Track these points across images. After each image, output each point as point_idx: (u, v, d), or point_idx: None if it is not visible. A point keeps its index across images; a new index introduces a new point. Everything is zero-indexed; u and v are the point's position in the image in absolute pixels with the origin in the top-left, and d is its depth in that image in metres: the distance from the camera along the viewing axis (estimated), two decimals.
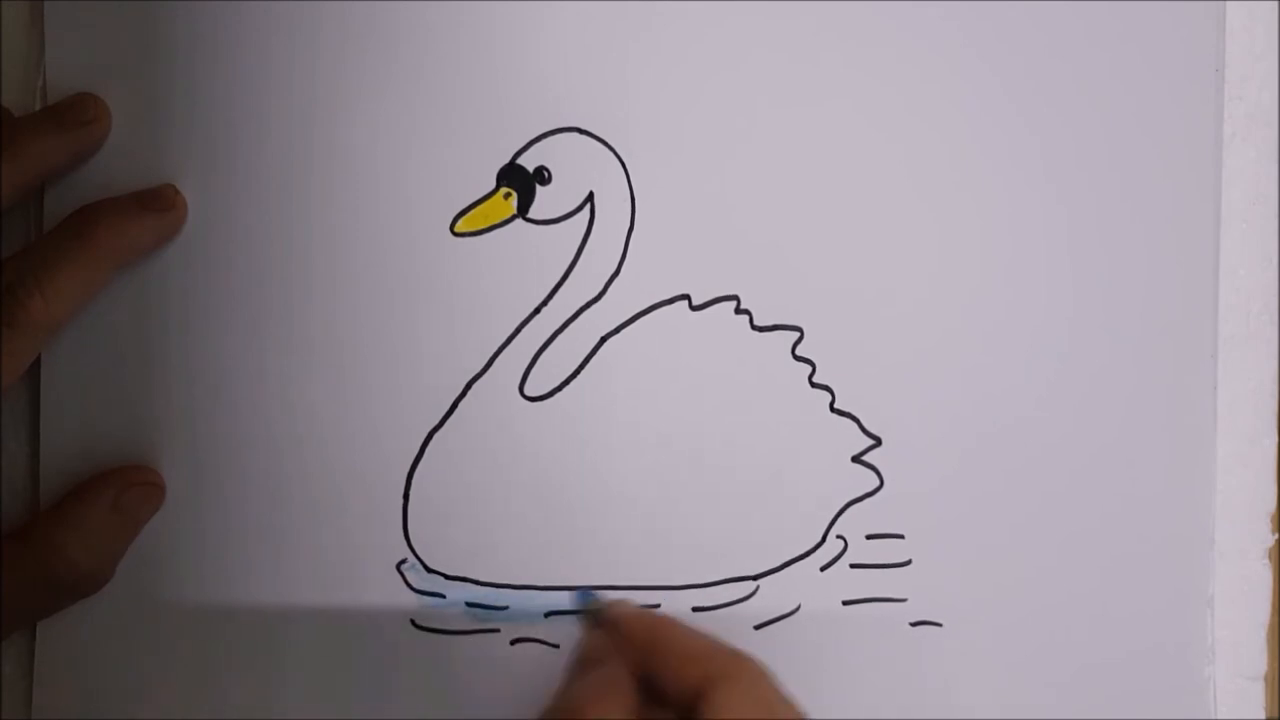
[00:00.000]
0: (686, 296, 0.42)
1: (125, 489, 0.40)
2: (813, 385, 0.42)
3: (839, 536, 0.43)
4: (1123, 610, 0.43)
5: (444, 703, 0.42)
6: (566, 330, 0.42)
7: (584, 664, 0.39)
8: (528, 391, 0.42)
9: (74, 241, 0.38)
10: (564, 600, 0.42)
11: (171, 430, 0.42)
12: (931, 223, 0.43)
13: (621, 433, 0.42)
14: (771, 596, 0.42)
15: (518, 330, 0.42)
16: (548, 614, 0.42)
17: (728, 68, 0.42)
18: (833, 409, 0.43)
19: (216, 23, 0.41)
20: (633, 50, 0.42)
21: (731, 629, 0.42)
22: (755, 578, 0.42)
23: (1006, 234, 0.43)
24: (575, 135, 0.42)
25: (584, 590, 0.42)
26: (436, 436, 0.42)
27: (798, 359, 0.42)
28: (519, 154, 0.42)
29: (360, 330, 0.42)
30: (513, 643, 0.42)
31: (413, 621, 0.42)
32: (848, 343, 0.43)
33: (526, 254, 0.42)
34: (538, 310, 0.42)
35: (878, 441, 0.43)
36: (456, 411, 0.42)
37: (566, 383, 0.42)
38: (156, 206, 0.40)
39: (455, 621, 0.42)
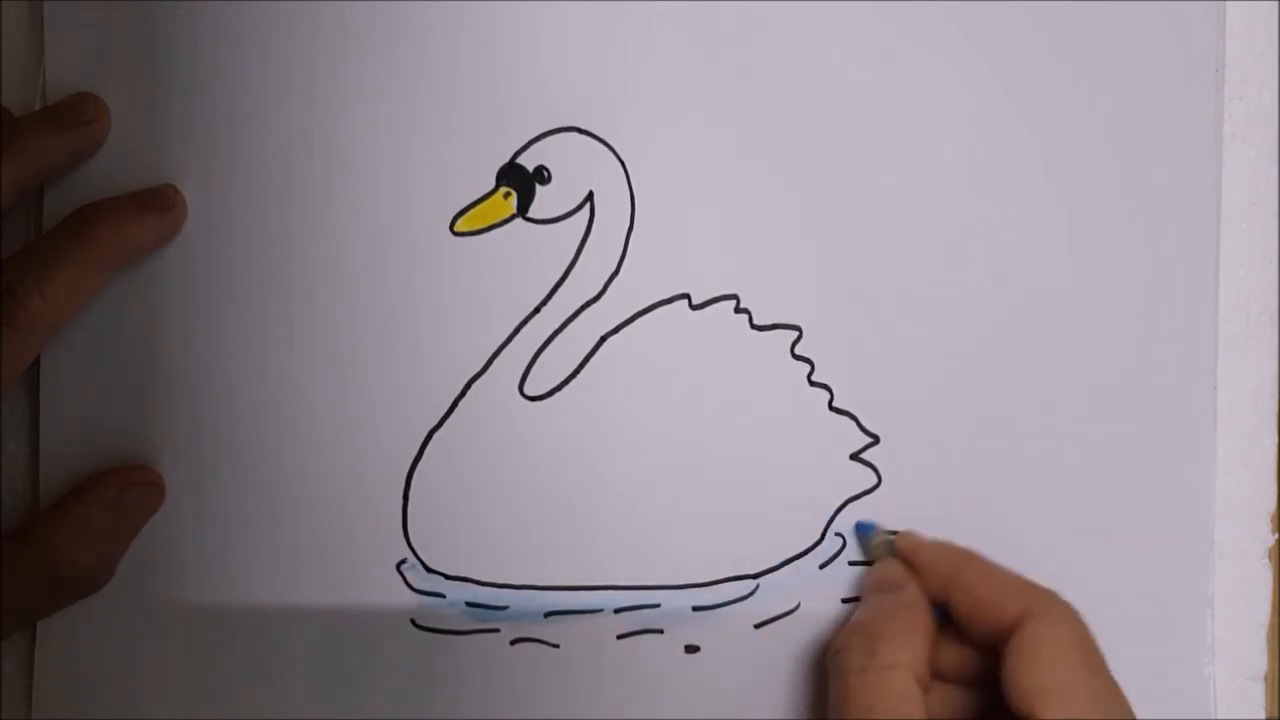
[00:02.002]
0: (686, 296, 0.42)
1: (125, 489, 0.40)
2: (811, 384, 0.42)
3: (838, 534, 0.43)
4: (1122, 610, 0.43)
5: (444, 703, 0.42)
6: (566, 330, 0.42)
7: (879, 589, 0.41)
8: (527, 391, 0.42)
9: (74, 241, 0.38)
10: (564, 600, 0.42)
11: (171, 430, 0.42)
12: (931, 222, 0.43)
13: (621, 432, 0.42)
14: (771, 595, 0.42)
15: (517, 330, 0.42)
16: (548, 614, 0.42)
17: (727, 67, 0.42)
18: (831, 407, 0.43)
19: (216, 23, 0.41)
20: (633, 50, 0.42)
21: (732, 628, 0.42)
22: (755, 576, 0.42)
23: (1006, 234, 0.43)
24: (575, 135, 0.42)
25: (864, 523, 0.42)
26: (436, 436, 0.42)
27: (796, 358, 0.42)
28: (519, 153, 0.42)
29: (360, 330, 0.42)
30: (513, 643, 0.42)
31: (413, 621, 0.42)
32: (846, 342, 0.43)
33: (526, 253, 0.42)
34: (537, 310, 0.42)
35: (876, 440, 0.43)
36: (456, 411, 0.42)
37: (566, 382, 0.42)
38: (156, 206, 0.40)
39: (455, 621, 0.42)
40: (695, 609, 0.42)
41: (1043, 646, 0.37)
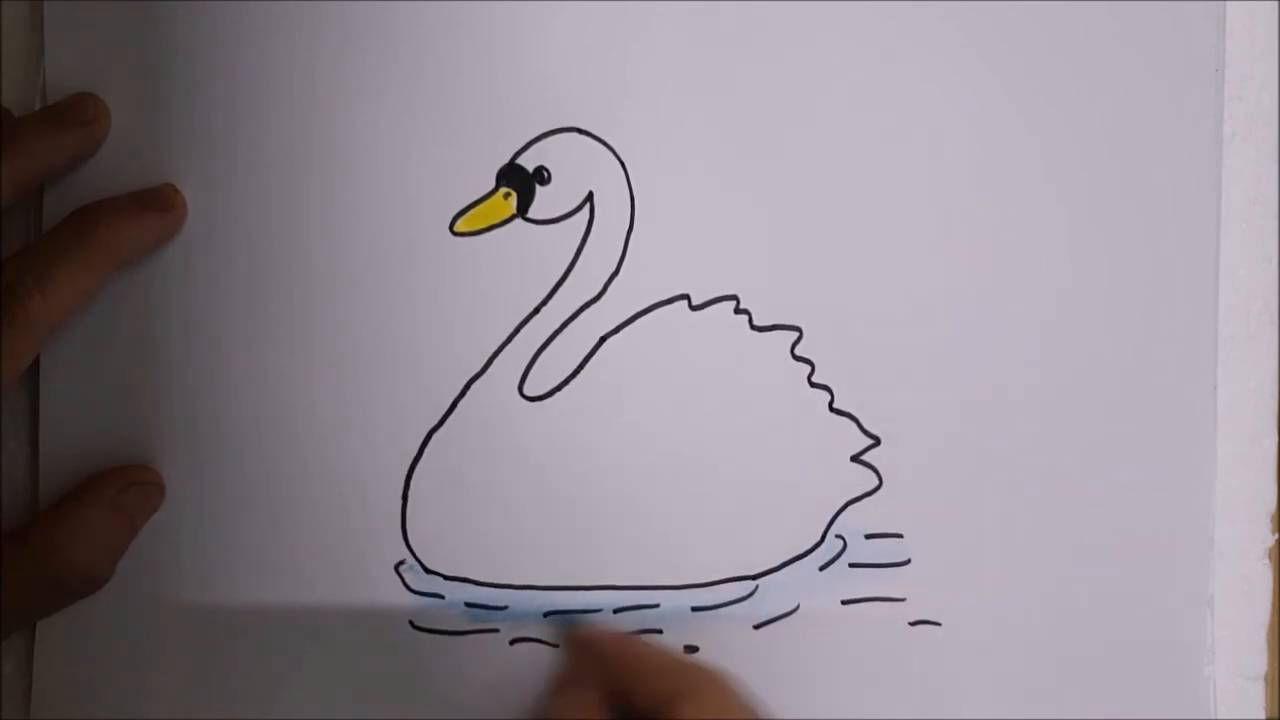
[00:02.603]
0: (686, 296, 0.42)
1: (125, 489, 0.40)
2: (812, 385, 0.42)
3: (838, 536, 0.43)
4: (1123, 610, 0.43)
5: (443, 703, 0.42)
6: (566, 330, 0.42)
7: (557, 686, 0.40)
8: (527, 391, 0.42)
9: (73, 241, 0.38)
10: (563, 600, 0.42)
11: (171, 430, 0.42)
12: (931, 222, 0.43)
13: (621, 432, 0.42)
14: (771, 596, 0.42)
15: (517, 330, 0.42)
16: (547, 614, 0.42)
17: (727, 67, 0.42)
18: (832, 409, 0.43)
19: (216, 23, 0.41)
20: (633, 50, 0.42)
21: (731, 628, 0.42)
22: (754, 577, 0.42)
23: (1006, 234, 0.43)
24: (575, 135, 0.42)
25: (559, 613, 0.42)
26: (436, 436, 0.42)
27: (797, 359, 0.42)
28: (518, 154, 0.42)
29: (360, 330, 0.42)
30: (512, 643, 0.42)
31: (411, 622, 0.42)
32: (847, 342, 0.43)
33: (526, 254, 0.42)
34: (537, 310, 0.42)
35: (877, 441, 0.43)
36: (456, 411, 0.42)
37: (566, 383, 0.42)
38: (156, 206, 0.40)
39: (454, 622, 0.42)
40: (694, 609, 0.42)
41: None
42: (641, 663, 0.39)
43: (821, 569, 0.43)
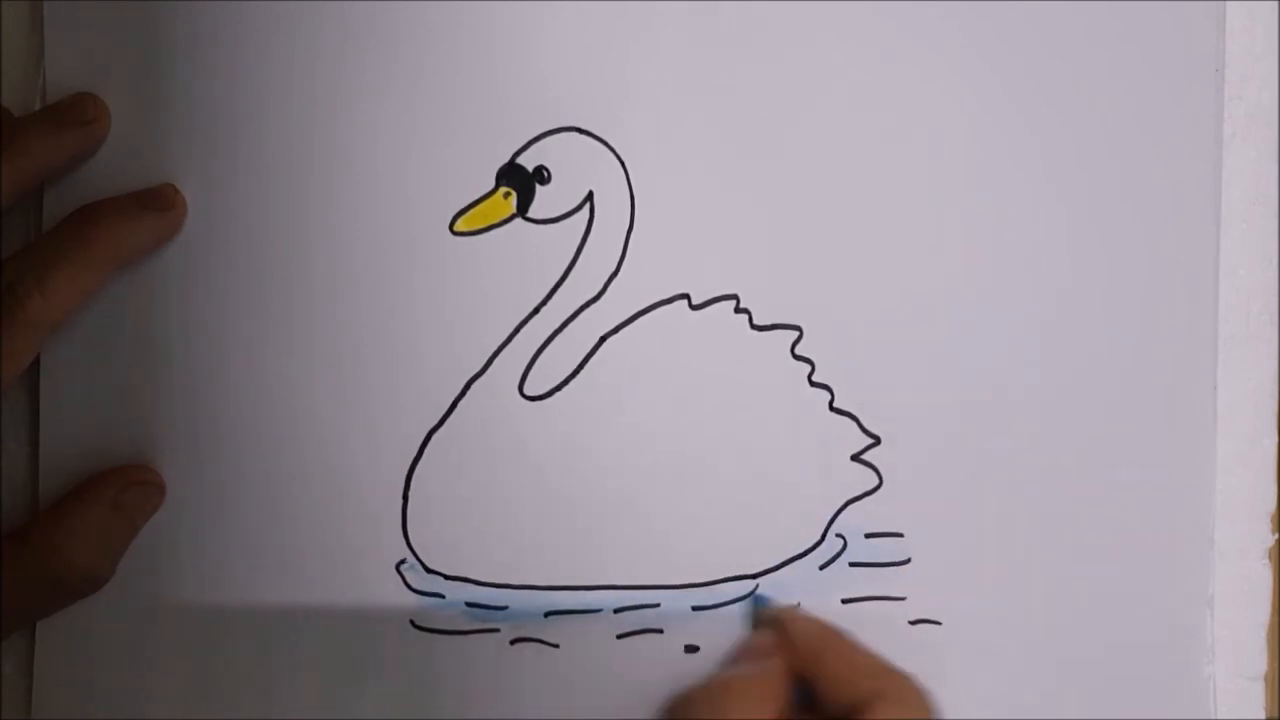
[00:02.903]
0: (686, 296, 0.42)
1: (125, 489, 0.40)
2: (812, 384, 0.42)
3: (838, 535, 0.43)
4: (1123, 610, 0.43)
5: (444, 703, 0.42)
6: (566, 330, 0.42)
7: (743, 657, 0.41)
8: (527, 391, 0.42)
9: (73, 241, 0.38)
10: (564, 600, 0.42)
11: (171, 430, 0.42)
12: (931, 222, 0.43)
13: (621, 432, 0.42)
14: (771, 595, 0.42)
15: (517, 330, 0.42)
16: (547, 614, 0.42)
17: (727, 67, 0.42)
18: (832, 408, 0.43)
19: (216, 23, 0.41)
20: (633, 50, 0.42)
21: (732, 628, 0.42)
22: (755, 576, 0.42)
23: (1006, 234, 0.43)
24: (574, 135, 0.42)
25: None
26: (436, 436, 0.42)
27: (797, 358, 0.42)
28: (518, 153, 0.42)
29: (360, 330, 0.42)
30: (512, 643, 0.42)
31: (412, 622, 0.42)
32: (847, 342, 0.43)
33: (526, 253, 0.42)
34: (537, 310, 0.42)
35: (877, 440, 0.43)
36: (456, 411, 0.42)
37: (566, 382, 0.42)
38: (156, 206, 0.40)
39: (455, 621, 0.42)
40: (695, 609, 0.42)
41: None
42: (845, 655, 0.39)
43: (822, 568, 0.43)
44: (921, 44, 0.43)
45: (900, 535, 0.43)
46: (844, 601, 0.43)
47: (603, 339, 0.42)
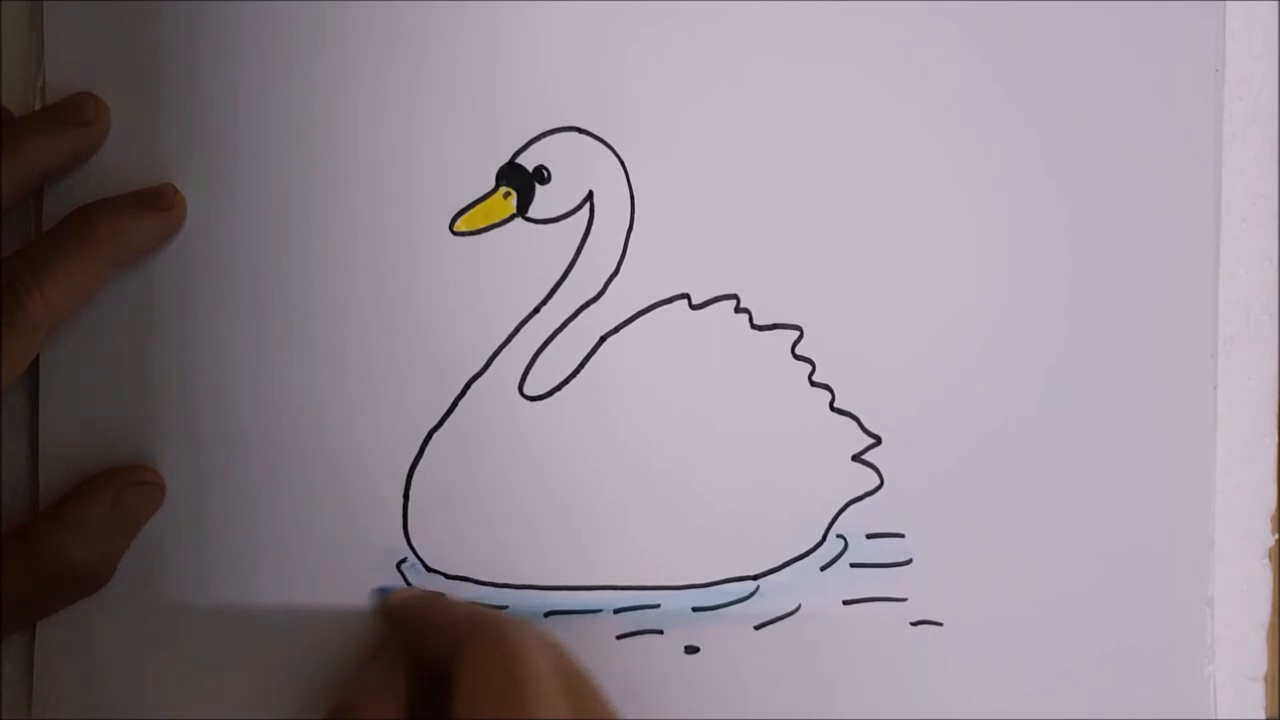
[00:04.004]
0: (686, 295, 0.42)
1: (125, 488, 0.40)
2: (812, 384, 0.42)
3: (839, 536, 0.43)
4: (1123, 610, 0.43)
5: None
6: (566, 329, 0.42)
7: (363, 660, 0.40)
8: (527, 391, 0.42)
9: (73, 240, 0.38)
10: (563, 600, 0.42)
11: (171, 430, 0.42)
12: (932, 222, 0.43)
13: (621, 432, 0.42)
14: (772, 596, 0.42)
15: (517, 329, 0.42)
16: (548, 614, 0.42)
17: (727, 67, 0.42)
18: (833, 408, 0.43)
19: (216, 23, 0.41)
20: (633, 50, 0.42)
21: (732, 629, 0.42)
22: (755, 577, 0.42)
23: (1006, 234, 0.43)
24: (574, 134, 0.42)
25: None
26: (436, 436, 0.42)
27: (797, 358, 0.42)
28: (518, 153, 0.42)
29: (360, 330, 0.42)
30: None
31: None
32: (848, 342, 0.43)
33: (526, 253, 0.42)
34: (537, 310, 0.42)
35: (878, 440, 0.43)
36: (456, 411, 0.42)
37: (566, 382, 0.42)
38: (156, 206, 0.40)
39: None
40: (695, 609, 0.42)
41: (461, 681, 0.34)
42: (437, 618, 0.38)
43: (823, 569, 0.43)
44: (921, 44, 0.43)
45: (901, 536, 0.43)
46: (845, 603, 0.43)
47: (603, 339, 0.42)
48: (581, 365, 0.42)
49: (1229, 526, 0.44)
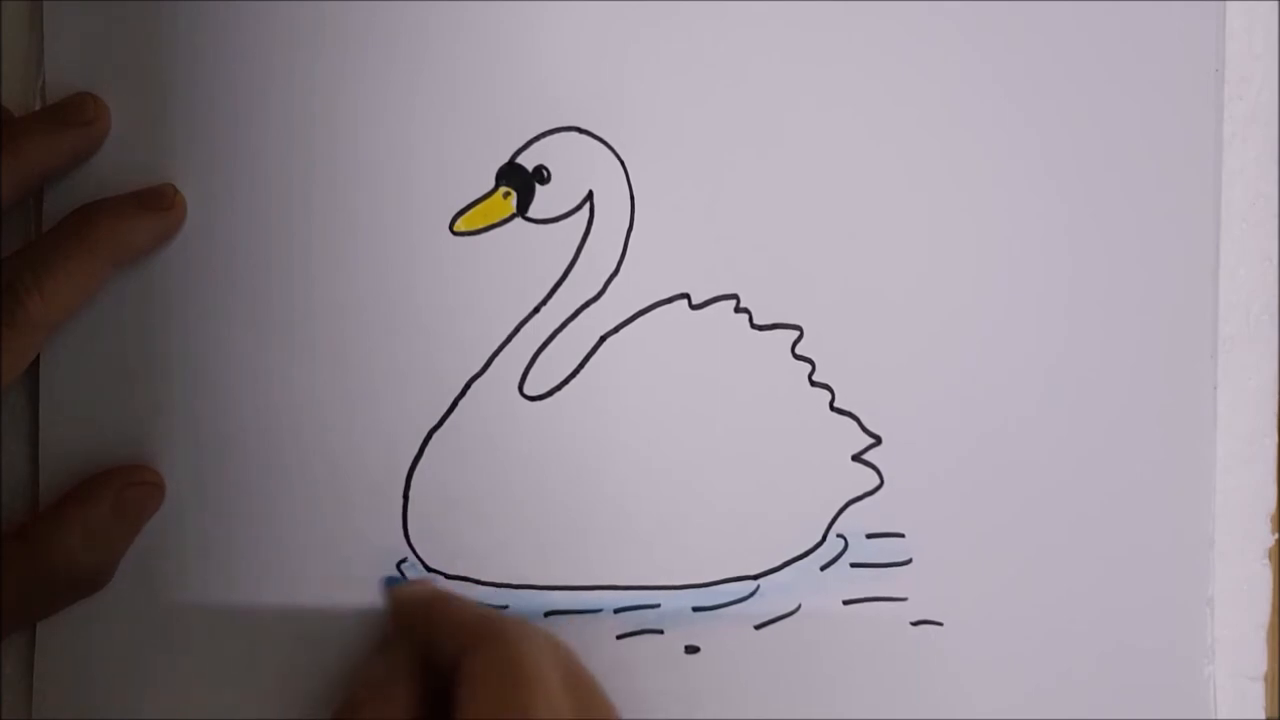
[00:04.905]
0: (686, 295, 0.42)
1: (125, 489, 0.40)
2: (812, 384, 0.42)
3: (839, 535, 0.43)
4: (1123, 610, 0.43)
5: None
6: (566, 329, 0.42)
7: (371, 653, 0.40)
8: (527, 391, 0.42)
9: (73, 240, 0.38)
10: (563, 600, 0.42)
11: (171, 430, 0.42)
12: (932, 222, 0.43)
13: (621, 432, 0.42)
14: (772, 596, 0.42)
15: (517, 329, 0.42)
16: (547, 614, 0.42)
17: (727, 67, 0.42)
18: (833, 408, 0.43)
19: (216, 23, 0.41)
20: (632, 50, 0.42)
21: (732, 629, 0.42)
22: (755, 577, 0.42)
23: (1006, 234, 0.43)
24: (574, 134, 0.42)
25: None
26: (436, 436, 0.42)
27: (797, 358, 0.42)
28: (518, 153, 0.42)
29: (360, 330, 0.42)
30: None
31: None
32: (848, 341, 0.43)
33: (526, 253, 0.42)
34: (537, 309, 0.42)
35: (878, 440, 0.43)
36: (456, 411, 0.42)
37: (566, 382, 0.42)
38: (156, 206, 0.40)
39: None
40: (695, 609, 0.42)
41: (464, 683, 0.34)
42: (441, 618, 0.38)
43: (823, 569, 0.43)
44: (921, 44, 0.43)
45: (901, 535, 0.43)
46: (845, 602, 0.43)
47: (603, 339, 0.42)
48: (581, 365, 0.42)
49: (1229, 526, 0.44)
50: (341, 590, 0.42)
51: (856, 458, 0.43)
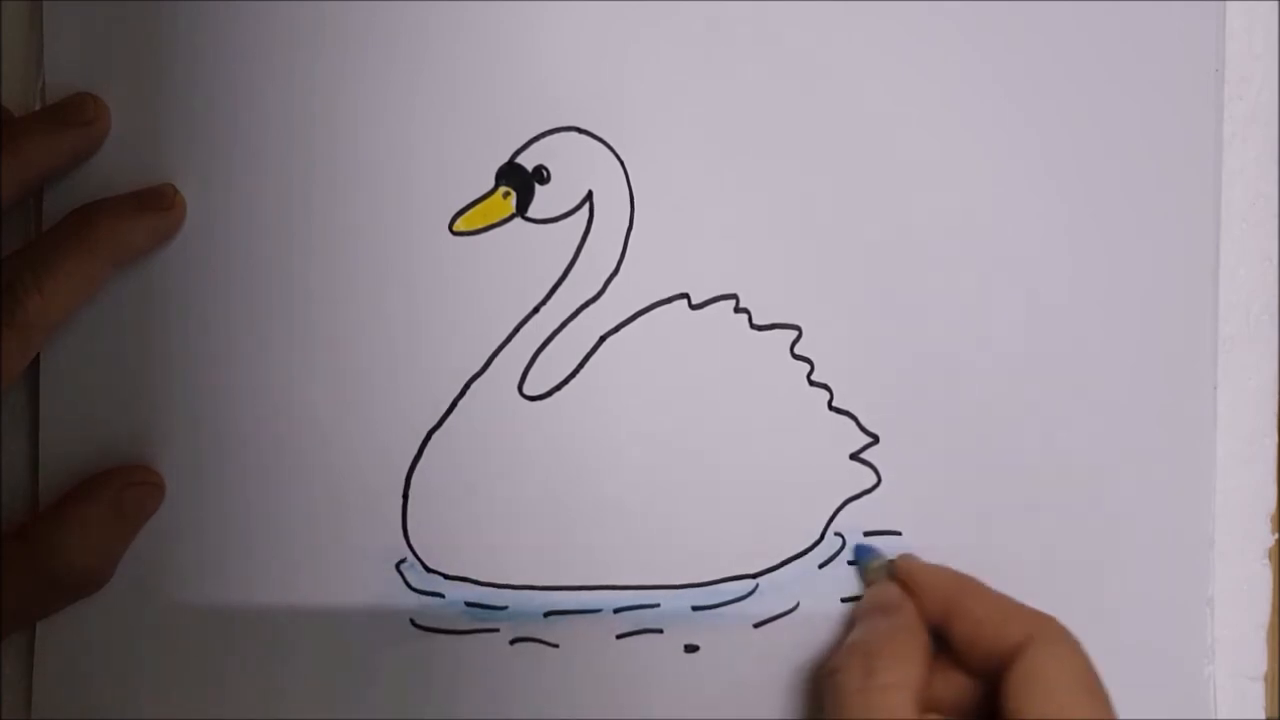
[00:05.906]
0: (685, 295, 0.42)
1: (125, 489, 0.40)
2: (811, 383, 0.42)
3: (837, 534, 0.43)
4: (1123, 610, 0.43)
5: (443, 702, 0.42)
6: (565, 329, 0.42)
7: (876, 612, 0.40)
8: (527, 391, 0.42)
9: (72, 240, 0.38)
10: (563, 600, 0.42)
11: (171, 430, 0.42)
12: (931, 222, 0.43)
13: (621, 432, 0.42)
14: (770, 595, 0.42)
15: (517, 329, 0.42)
16: (547, 614, 0.42)
17: (727, 67, 0.42)
18: (831, 407, 0.43)
19: (216, 23, 0.41)
20: (632, 50, 0.42)
21: (731, 628, 0.42)
22: (754, 576, 0.42)
23: (1006, 234, 0.43)
24: (574, 134, 0.42)
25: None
26: (436, 436, 0.42)
27: (796, 357, 0.42)
28: (518, 153, 0.42)
29: (360, 330, 0.42)
30: (512, 642, 0.42)
31: (412, 621, 0.42)
32: (846, 341, 0.43)
33: (525, 253, 0.42)
34: (537, 309, 0.42)
35: (875, 439, 0.43)
36: (456, 411, 0.42)
37: (566, 382, 0.42)
38: (155, 206, 0.40)
39: (454, 621, 0.42)
40: (695, 609, 0.42)
41: (1045, 675, 0.36)
42: (987, 603, 0.39)
43: (821, 567, 0.43)
44: (921, 44, 0.43)
45: (899, 534, 0.43)
46: (843, 600, 0.42)
47: (603, 339, 0.42)
48: (581, 365, 0.42)
49: (1229, 526, 0.44)
50: (341, 590, 0.42)
51: (854, 457, 0.43)
